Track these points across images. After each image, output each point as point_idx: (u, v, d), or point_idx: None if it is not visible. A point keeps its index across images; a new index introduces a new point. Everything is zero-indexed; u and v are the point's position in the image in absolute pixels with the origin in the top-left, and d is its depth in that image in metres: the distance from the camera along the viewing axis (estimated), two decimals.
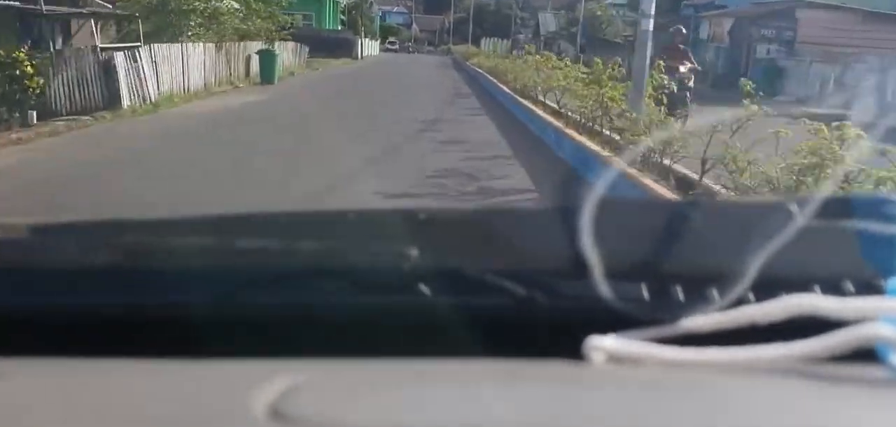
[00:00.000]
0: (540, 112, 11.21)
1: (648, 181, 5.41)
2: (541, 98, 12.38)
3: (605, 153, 6.97)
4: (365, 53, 41.10)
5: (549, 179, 7.13)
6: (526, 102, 12.83)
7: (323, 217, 0.72)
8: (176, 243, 0.65)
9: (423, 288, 0.56)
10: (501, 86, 16.74)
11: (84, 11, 13.90)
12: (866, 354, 0.48)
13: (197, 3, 15.80)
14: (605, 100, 7.93)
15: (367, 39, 44.89)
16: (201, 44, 15.14)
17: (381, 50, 54.35)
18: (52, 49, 11.20)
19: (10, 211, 5.22)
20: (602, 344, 0.50)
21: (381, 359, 0.51)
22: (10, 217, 0.78)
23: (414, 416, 0.45)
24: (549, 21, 50.24)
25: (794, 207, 0.56)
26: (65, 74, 10.72)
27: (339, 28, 43.47)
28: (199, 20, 16.07)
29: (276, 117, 11.48)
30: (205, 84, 14.94)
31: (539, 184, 6.88)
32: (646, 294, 0.54)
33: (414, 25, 77.26)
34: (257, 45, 18.40)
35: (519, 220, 0.67)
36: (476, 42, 48.67)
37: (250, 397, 0.45)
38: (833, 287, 0.54)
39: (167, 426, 0.44)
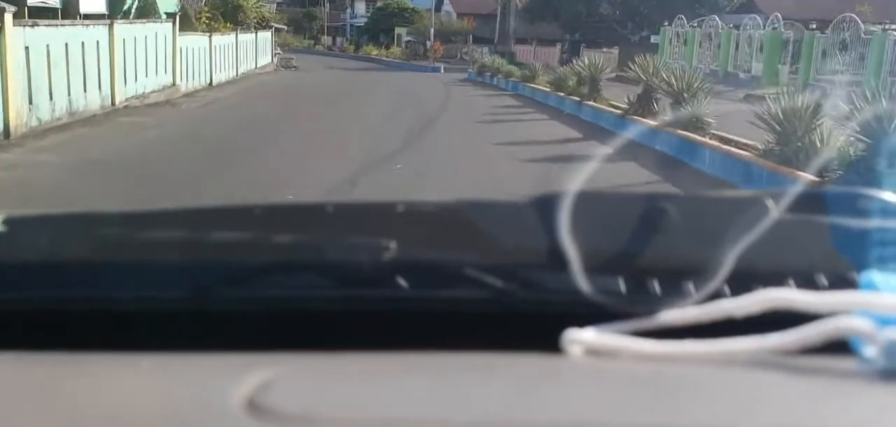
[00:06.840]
0: None
1: None
2: None
3: None
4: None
5: None
6: None
7: (300, 209, 0.72)
8: (151, 237, 0.65)
9: (401, 281, 0.56)
10: None
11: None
12: (840, 347, 0.48)
13: None
14: None
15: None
16: None
17: (277, 65, 24.90)
18: None
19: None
20: (580, 337, 0.50)
21: (358, 352, 0.51)
22: None
23: (391, 409, 0.45)
24: None
25: (769, 201, 0.57)
26: None
27: None
28: None
29: None
30: None
31: None
32: (623, 287, 0.55)
33: (445, 3, 38.86)
34: None
35: (497, 212, 0.67)
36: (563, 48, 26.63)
37: (227, 391, 0.44)
38: (807, 280, 0.54)
39: (144, 420, 0.43)
